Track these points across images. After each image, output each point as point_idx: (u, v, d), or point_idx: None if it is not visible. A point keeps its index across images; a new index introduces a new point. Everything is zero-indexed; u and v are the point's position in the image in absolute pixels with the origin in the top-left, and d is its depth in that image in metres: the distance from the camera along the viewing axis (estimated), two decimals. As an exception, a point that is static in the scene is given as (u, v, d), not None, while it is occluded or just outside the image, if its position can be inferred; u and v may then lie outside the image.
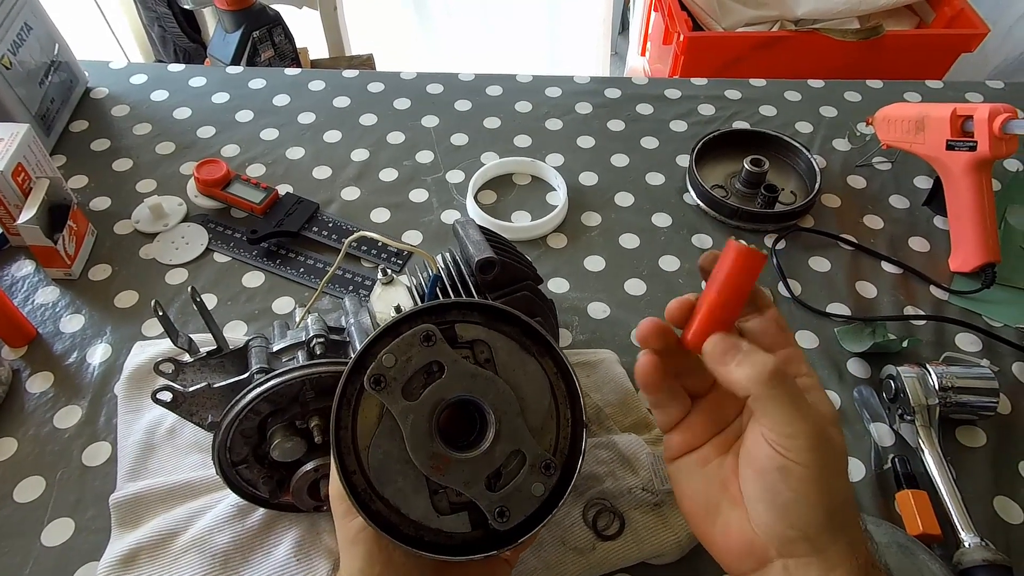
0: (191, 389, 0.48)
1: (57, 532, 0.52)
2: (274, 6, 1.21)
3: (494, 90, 0.91)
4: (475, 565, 0.37)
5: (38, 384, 0.61)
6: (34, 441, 0.57)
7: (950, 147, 0.69)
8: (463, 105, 0.89)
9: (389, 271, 0.54)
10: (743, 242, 0.31)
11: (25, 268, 0.70)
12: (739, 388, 0.30)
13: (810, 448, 0.29)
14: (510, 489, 0.34)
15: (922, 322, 0.66)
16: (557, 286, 0.69)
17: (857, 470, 0.56)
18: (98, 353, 0.63)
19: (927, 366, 0.57)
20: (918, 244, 0.74)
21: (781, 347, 0.33)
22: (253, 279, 0.69)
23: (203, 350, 0.52)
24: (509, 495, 0.34)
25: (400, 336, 0.33)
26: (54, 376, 0.61)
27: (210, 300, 0.67)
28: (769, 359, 0.30)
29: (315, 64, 1.44)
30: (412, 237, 0.74)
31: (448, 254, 0.54)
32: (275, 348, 0.50)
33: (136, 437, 0.56)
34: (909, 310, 0.67)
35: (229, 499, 0.52)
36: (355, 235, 0.50)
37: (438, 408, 0.33)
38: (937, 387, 0.55)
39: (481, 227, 0.54)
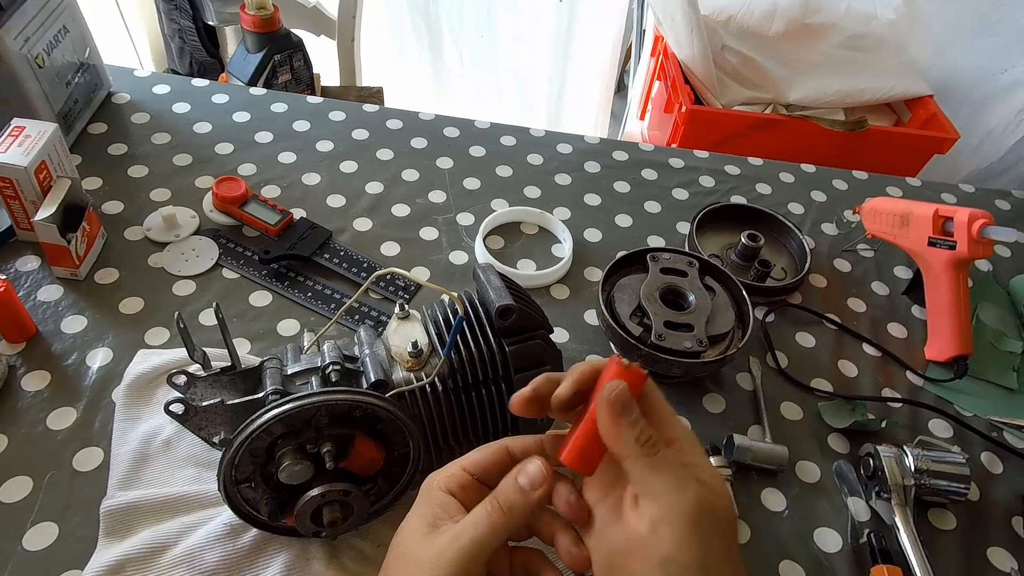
0: (204, 404, 0.48)
1: (40, 536, 0.51)
2: (294, 31, 1.24)
3: (508, 140, 0.95)
4: None
5: (33, 382, 0.60)
6: (25, 440, 0.56)
7: (932, 244, 0.74)
8: (477, 151, 0.92)
9: (407, 307, 0.56)
10: (625, 360, 0.35)
11: (30, 264, 0.69)
12: None
13: None
14: None
15: (899, 404, 0.70)
16: (558, 336, 0.71)
17: (835, 542, 0.58)
18: (99, 357, 0.63)
19: (904, 447, 0.60)
20: (896, 330, 0.78)
21: None
22: (260, 298, 0.70)
23: (215, 364, 0.53)
24: None
25: None
26: (51, 376, 0.61)
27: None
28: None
29: (325, 91, 1.47)
30: (420, 274, 0.75)
31: (466, 296, 0.56)
32: (289, 371, 0.51)
33: (131, 446, 0.56)
34: (887, 392, 0.71)
35: (222, 517, 0.52)
36: (383, 271, 0.52)
37: None
38: (913, 469, 0.58)
39: (500, 274, 0.56)
